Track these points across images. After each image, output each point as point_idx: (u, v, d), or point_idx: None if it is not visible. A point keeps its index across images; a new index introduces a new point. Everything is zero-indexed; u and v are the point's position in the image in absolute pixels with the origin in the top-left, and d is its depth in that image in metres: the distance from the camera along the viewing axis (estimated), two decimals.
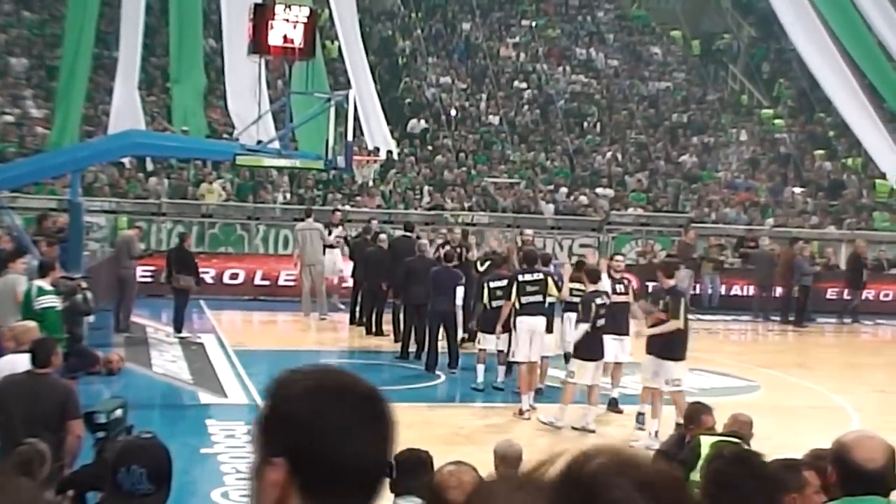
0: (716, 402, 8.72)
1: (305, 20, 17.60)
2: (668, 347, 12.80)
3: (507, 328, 14.97)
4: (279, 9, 17.61)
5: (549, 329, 14.85)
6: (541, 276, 14.54)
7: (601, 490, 1.12)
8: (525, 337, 14.21)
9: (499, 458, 7.06)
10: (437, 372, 16.64)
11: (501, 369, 15.71)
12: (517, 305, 14.37)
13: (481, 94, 34.21)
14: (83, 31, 27.11)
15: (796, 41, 35.60)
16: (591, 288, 13.74)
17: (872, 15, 34.91)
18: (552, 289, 14.50)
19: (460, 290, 18.02)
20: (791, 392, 16.59)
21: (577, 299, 14.14)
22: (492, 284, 15.35)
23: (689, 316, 13.01)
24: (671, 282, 13.24)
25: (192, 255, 19.51)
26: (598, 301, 13.46)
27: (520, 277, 14.58)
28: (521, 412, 14.09)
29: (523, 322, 14.27)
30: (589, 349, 13.41)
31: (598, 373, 13.57)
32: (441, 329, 16.86)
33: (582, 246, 25.99)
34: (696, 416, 8.34)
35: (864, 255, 25.34)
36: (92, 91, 28.65)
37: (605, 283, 14.50)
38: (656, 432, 12.60)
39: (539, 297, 14.35)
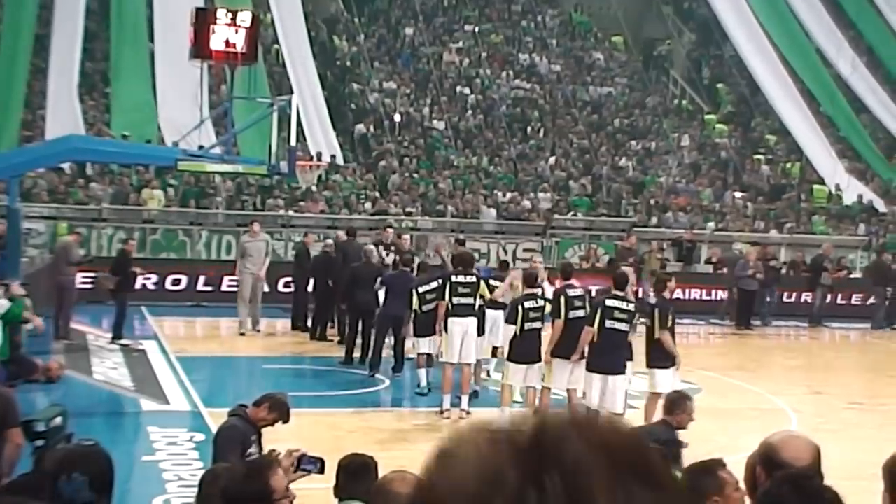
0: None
1: (248, 25, 17.50)
2: (557, 347, 13.05)
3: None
4: (221, 13, 17.49)
5: (481, 332, 14.90)
6: (473, 278, 14.57)
7: (556, 451, 1.14)
8: (456, 339, 14.24)
9: None
10: (381, 376, 16.63)
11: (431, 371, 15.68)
12: (449, 306, 14.41)
13: (425, 100, 34.23)
14: (21, 35, 26.75)
15: (738, 47, 36.10)
16: (526, 291, 13.84)
17: (809, 22, 35.55)
18: (484, 291, 14.54)
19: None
20: (731, 394, 16.78)
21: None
22: (420, 290, 15.30)
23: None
24: (570, 283, 13.52)
25: (131, 261, 19.29)
26: (527, 304, 13.56)
27: (452, 279, 14.56)
28: (441, 412, 14.22)
29: (454, 323, 14.30)
30: (519, 352, 13.51)
31: (532, 375, 13.61)
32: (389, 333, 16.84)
33: (525, 251, 26.05)
34: (679, 402, 8.85)
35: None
36: (29, 96, 28.25)
37: (547, 288, 14.58)
38: None
39: (471, 300, 14.39)
